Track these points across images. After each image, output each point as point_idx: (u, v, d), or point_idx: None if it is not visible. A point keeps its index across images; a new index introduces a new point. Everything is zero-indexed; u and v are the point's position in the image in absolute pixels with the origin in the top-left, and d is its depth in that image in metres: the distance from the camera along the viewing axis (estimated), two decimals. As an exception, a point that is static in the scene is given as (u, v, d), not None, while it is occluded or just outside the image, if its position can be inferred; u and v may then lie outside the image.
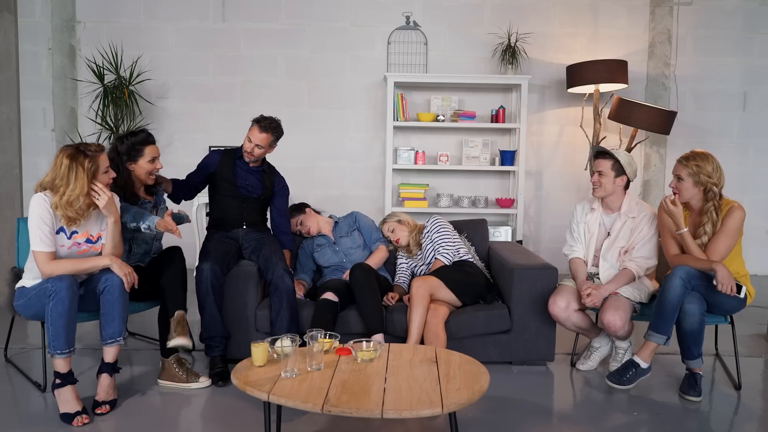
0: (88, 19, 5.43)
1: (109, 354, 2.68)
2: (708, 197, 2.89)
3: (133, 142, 2.93)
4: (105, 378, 2.68)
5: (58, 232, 2.62)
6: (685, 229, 2.86)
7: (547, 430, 2.57)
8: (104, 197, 2.61)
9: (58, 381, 2.57)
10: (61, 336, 2.51)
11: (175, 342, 2.79)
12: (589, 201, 3.25)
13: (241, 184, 3.36)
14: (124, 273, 2.65)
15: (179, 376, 2.86)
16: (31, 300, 2.65)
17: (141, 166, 2.96)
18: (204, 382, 2.88)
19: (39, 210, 2.56)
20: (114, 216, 2.67)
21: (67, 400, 2.56)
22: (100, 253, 2.73)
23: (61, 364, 2.56)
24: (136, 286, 2.73)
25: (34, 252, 2.58)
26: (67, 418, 2.54)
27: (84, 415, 2.55)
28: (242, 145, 3.32)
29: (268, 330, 3.08)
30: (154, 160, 2.98)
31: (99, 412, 2.62)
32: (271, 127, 3.26)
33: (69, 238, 2.65)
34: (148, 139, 2.98)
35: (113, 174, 2.72)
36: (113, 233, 2.70)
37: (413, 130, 5.59)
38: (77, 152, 2.55)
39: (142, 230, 2.90)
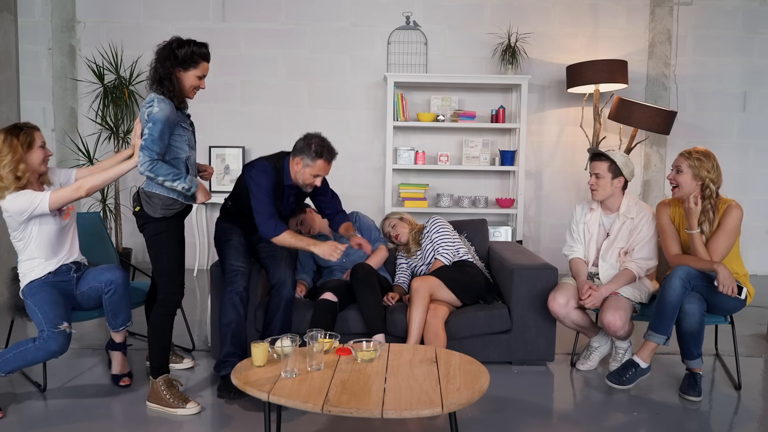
0: (88, 19, 5.43)
1: (119, 336, 2.96)
2: (705, 195, 2.89)
3: (194, 52, 2.69)
4: (119, 354, 2.97)
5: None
6: (698, 230, 2.85)
7: (547, 430, 2.57)
8: None
9: None
10: (11, 366, 2.63)
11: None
12: (588, 201, 3.25)
13: (283, 205, 3.11)
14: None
15: (166, 399, 2.69)
16: (34, 317, 2.69)
17: (189, 77, 2.71)
18: (192, 408, 2.66)
19: (22, 195, 2.63)
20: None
21: None
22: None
23: None
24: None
25: (51, 202, 2.63)
26: None
27: None
28: (298, 176, 2.97)
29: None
30: (203, 77, 2.77)
31: (123, 384, 2.94)
32: (334, 155, 3.01)
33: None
34: (208, 56, 2.76)
35: (50, 152, 2.79)
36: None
37: (413, 130, 5.59)
38: (14, 128, 2.72)
39: (177, 189, 2.64)
